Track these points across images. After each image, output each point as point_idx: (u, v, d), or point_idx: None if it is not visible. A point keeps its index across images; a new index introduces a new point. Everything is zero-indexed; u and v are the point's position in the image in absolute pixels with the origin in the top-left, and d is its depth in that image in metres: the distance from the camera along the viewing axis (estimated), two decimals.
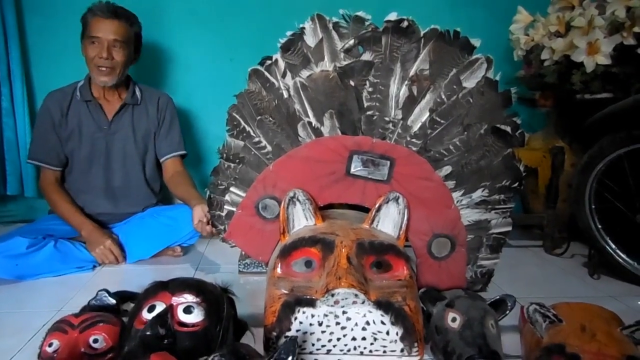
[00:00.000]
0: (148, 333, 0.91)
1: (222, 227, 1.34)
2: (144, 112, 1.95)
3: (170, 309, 0.96)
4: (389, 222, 1.22)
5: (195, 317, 0.96)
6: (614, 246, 1.72)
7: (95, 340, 0.99)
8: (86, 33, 1.80)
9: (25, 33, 2.25)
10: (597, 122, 1.68)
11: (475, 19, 2.41)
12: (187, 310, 0.97)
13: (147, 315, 0.96)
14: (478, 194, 1.27)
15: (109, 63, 1.78)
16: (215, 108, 2.36)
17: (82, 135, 1.87)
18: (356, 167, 1.24)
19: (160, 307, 0.97)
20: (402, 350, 1.01)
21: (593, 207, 1.75)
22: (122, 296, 1.21)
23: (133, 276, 1.70)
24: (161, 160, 2.00)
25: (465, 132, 1.22)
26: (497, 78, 1.21)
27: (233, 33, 2.36)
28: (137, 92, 1.94)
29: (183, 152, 2.01)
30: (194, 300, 0.98)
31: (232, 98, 1.34)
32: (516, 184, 1.28)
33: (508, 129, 1.23)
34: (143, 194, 2.00)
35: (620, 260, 1.70)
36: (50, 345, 0.97)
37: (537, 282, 1.71)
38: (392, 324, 1.00)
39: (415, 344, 1.01)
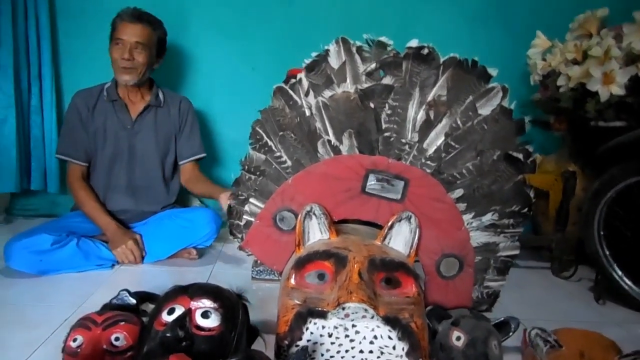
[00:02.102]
0: (168, 335, 0.95)
1: (240, 236, 1.39)
2: (167, 114, 2.02)
3: (188, 313, 1.00)
4: (400, 240, 1.26)
5: (212, 321, 1.00)
6: (620, 273, 1.74)
7: (117, 339, 1.04)
8: (112, 35, 1.89)
9: (57, 35, 2.33)
10: (609, 151, 1.71)
11: (493, 40, 2.43)
12: (205, 315, 1.01)
13: (166, 318, 1.00)
14: (488, 218, 1.30)
15: (131, 64, 1.87)
16: (234, 114, 2.43)
17: (107, 134, 1.95)
18: (371, 186, 1.28)
19: (179, 311, 1.01)
20: None
21: (602, 233, 1.77)
22: (142, 296, 1.26)
23: (150, 276, 1.76)
24: (181, 163, 2.07)
25: (479, 158, 1.26)
26: (512, 107, 1.25)
27: (255, 43, 2.43)
28: (160, 95, 2.02)
29: (204, 154, 2.10)
30: (212, 305, 1.02)
31: (253, 105, 1.38)
32: (525, 210, 1.31)
33: (520, 156, 1.26)
34: (162, 193, 2.06)
35: (626, 287, 1.72)
36: (74, 340, 1.02)
37: (543, 304, 1.73)
38: (399, 339, 1.03)
39: None
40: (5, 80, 2.14)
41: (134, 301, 1.22)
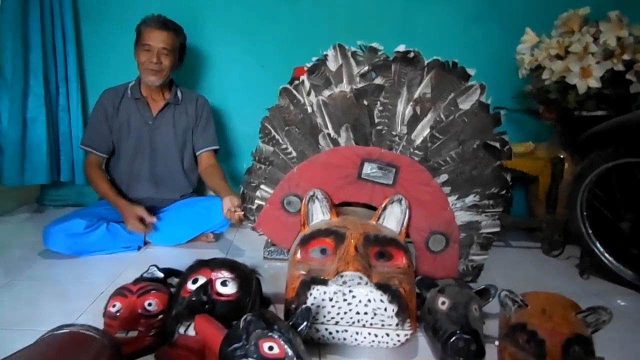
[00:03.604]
0: (194, 299, 1.13)
1: (252, 218, 1.57)
2: (184, 111, 2.20)
3: (210, 282, 1.17)
4: (392, 219, 1.43)
5: (230, 289, 1.18)
6: (602, 249, 1.86)
7: (150, 304, 1.20)
8: (139, 41, 2.06)
9: (81, 39, 2.50)
10: (588, 138, 1.84)
11: (489, 34, 2.55)
12: (224, 283, 1.18)
13: (191, 286, 1.18)
14: (470, 199, 1.47)
15: (158, 67, 2.04)
16: (246, 109, 2.59)
17: (130, 128, 2.13)
18: (366, 172, 1.46)
19: (202, 280, 1.19)
20: (397, 325, 1.19)
21: (584, 213, 1.90)
22: (168, 272, 1.45)
23: (172, 257, 1.92)
24: (197, 153, 2.24)
25: (460, 146, 1.42)
26: (489, 102, 1.41)
27: (264, 42, 2.57)
28: (179, 94, 2.20)
29: (217, 147, 2.26)
30: (229, 275, 1.20)
31: (262, 100, 1.55)
32: (504, 192, 1.48)
33: (497, 144, 1.43)
34: (181, 183, 2.24)
35: (607, 262, 1.84)
36: (113, 306, 1.20)
37: (531, 280, 1.85)
38: (389, 302, 1.17)
39: (408, 320, 1.19)
40: (36, 82, 2.32)
41: (162, 275, 1.41)
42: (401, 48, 1.38)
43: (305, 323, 1.02)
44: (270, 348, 0.93)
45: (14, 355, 0.81)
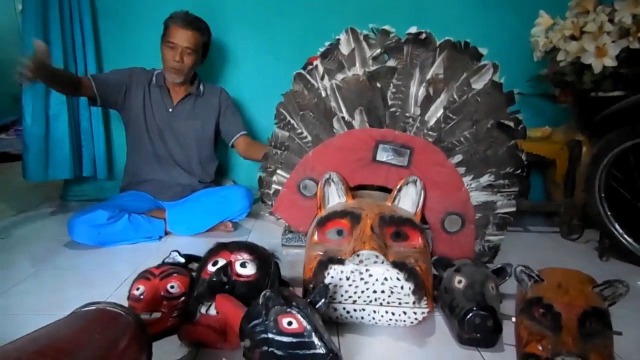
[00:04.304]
0: (214, 279, 1.16)
1: (270, 203, 1.60)
2: (206, 103, 2.27)
3: (229, 264, 1.20)
4: (408, 200, 1.44)
5: (249, 270, 1.21)
6: (621, 231, 1.85)
7: (172, 287, 1.24)
8: (165, 37, 2.10)
9: (99, 36, 2.55)
10: (606, 118, 1.83)
11: (503, 20, 2.54)
12: (243, 265, 1.21)
13: (211, 268, 1.21)
14: (485, 179, 1.47)
15: (180, 65, 2.09)
16: (261, 101, 2.62)
17: (153, 113, 2.20)
18: (381, 155, 1.47)
19: (222, 262, 1.21)
20: (413, 303, 1.21)
21: (602, 195, 1.89)
22: (189, 257, 1.49)
23: (192, 246, 1.92)
24: (233, 140, 2.32)
25: (474, 126, 1.43)
26: (501, 81, 1.42)
27: (278, 34, 2.60)
28: (201, 87, 2.27)
29: (246, 132, 2.34)
30: (248, 257, 1.23)
31: (277, 92, 1.57)
32: (519, 171, 1.48)
33: (511, 124, 1.43)
34: (198, 170, 2.30)
35: (626, 243, 1.83)
36: (137, 289, 1.24)
37: (549, 263, 1.77)
38: (406, 280, 1.19)
39: (425, 298, 1.21)
40: None
41: (183, 260, 1.44)
42: (413, 30, 1.39)
43: (323, 300, 1.04)
44: (290, 323, 0.96)
45: (45, 328, 0.84)
